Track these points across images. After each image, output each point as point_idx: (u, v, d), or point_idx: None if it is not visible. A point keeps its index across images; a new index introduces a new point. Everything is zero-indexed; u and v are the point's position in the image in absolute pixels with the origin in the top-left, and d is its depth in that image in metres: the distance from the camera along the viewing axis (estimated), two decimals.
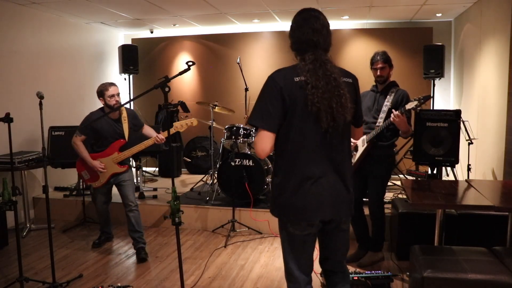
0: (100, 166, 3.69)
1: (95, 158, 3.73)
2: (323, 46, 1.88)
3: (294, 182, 1.85)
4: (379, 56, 3.31)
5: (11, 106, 4.61)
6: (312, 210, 1.85)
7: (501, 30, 4.16)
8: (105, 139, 3.73)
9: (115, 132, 3.73)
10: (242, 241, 4.17)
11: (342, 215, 1.94)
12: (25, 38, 5.04)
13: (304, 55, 1.87)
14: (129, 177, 3.83)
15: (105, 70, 6.70)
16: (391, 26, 6.21)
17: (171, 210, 2.25)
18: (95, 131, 3.70)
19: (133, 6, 5.24)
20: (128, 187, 3.79)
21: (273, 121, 1.82)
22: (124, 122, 3.76)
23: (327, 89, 1.79)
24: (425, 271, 2.32)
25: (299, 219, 1.88)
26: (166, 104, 2.26)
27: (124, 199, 3.77)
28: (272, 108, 1.81)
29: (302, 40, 1.88)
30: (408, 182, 3.23)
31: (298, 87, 1.81)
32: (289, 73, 1.84)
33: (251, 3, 5.17)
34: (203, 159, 6.44)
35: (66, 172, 5.27)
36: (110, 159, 3.73)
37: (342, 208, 1.92)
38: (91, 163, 3.68)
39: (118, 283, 3.22)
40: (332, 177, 1.87)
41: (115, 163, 3.74)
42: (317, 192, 1.84)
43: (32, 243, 4.23)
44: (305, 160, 1.84)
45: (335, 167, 1.87)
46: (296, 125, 1.82)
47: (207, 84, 6.88)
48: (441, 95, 6.13)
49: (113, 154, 3.73)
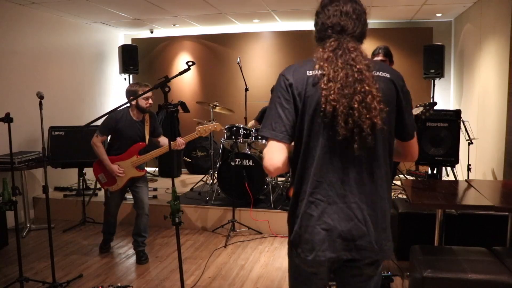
0: (118, 171, 3.56)
1: (114, 161, 3.59)
2: (352, 33, 1.47)
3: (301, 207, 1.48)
4: (381, 49, 3.36)
5: (11, 106, 4.60)
6: (319, 245, 1.44)
7: (501, 30, 4.16)
8: (125, 141, 3.60)
9: (136, 134, 3.62)
10: (242, 241, 4.17)
11: (362, 256, 1.46)
12: (25, 38, 5.04)
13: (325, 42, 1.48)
14: (144, 183, 3.74)
15: (105, 70, 6.70)
16: (391, 26, 6.21)
17: (171, 210, 2.25)
18: (117, 131, 3.57)
19: (133, 6, 5.24)
20: (144, 192, 3.71)
21: (284, 128, 1.45)
22: (147, 124, 3.65)
23: (347, 83, 1.39)
24: (425, 271, 2.32)
25: (304, 253, 1.47)
26: (166, 104, 2.26)
27: (139, 203, 3.67)
28: (283, 111, 1.45)
29: (326, 25, 1.48)
30: (408, 182, 3.23)
31: (312, 82, 1.43)
32: (302, 66, 1.47)
33: (251, 3, 5.17)
34: (203, 159, 6.44)
35: (66, 172, 5.27)
36: (129, 162, 3.61)
37: (362, 245, 1.44)
38: (110, 167, 3.55)
39: (118, 283, 3.22)
40: (353, 203, 1.44)
41: (134, 167, 3.62)
42: (328, 222, 1.43)
43: (32, 243, 4.23)
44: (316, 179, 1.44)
45: (359, 190, 1.44)
46: (306, 133, 1.45)
47: (207, 84, 6.87)
48: (441, 95, 6.13)
49: (132, 157, 3.61)
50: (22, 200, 4.50)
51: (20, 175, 4.48)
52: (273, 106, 1.48)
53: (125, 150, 3.62)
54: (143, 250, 3.74)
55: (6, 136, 2.91)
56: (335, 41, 1.45)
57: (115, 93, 6.75)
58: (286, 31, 6.54)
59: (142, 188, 3.70)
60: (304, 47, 6.40)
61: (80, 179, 5.00)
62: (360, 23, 1.49)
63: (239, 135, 4.72)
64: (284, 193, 4.71)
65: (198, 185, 5.50)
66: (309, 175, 1.45)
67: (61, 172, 5.08)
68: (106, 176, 3.66)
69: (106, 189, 3.71)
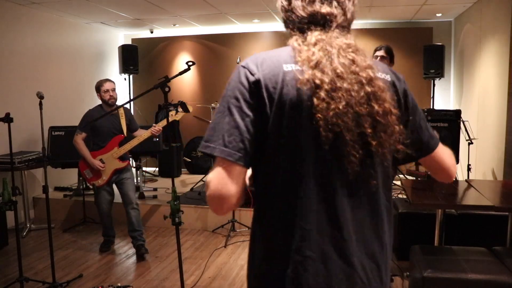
0: (99, 164, 3.72)
1: (96, 155, 3.76)
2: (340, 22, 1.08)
3: (278, 266, 1.03)
4: (383, 47, 3.47)
5: (11, 106, 4.60)
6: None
7: (501, 30, 4.16)
8: (104, 135, 3.78)
9: (113, 127, 3.79)
10: (242, 241, 4.17)
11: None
12: (25, 38, 5.04)
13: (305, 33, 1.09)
14: (129, 175, 3.87)
15: (105, 70, 6.70)
16: (391, 26, 6.21)
17: (171, 210, 2.25)
18: (94, 127, 3.74)
19: (133, 6, 5.24)
20: (129, 185, 3.82)
21: (243, 145, 1.00)
22: (122, 118, 3.83)
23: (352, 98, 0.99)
24: (425, 271, 2.32)
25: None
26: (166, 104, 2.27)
27: (125, 197, 3.79)
28: (242, 120, 1.00)
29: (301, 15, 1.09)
30: (408, 182, 3.23)
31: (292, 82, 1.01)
32: (274, 57, 1.07)
33: (251, 3, 5.17)
34: (203, 159, 6.43)
35: (66, 172, 5.27)
36: (110, 154, 3.77)
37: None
38: (91, 161, 3.71)
39: (118, 283, 3.21)
40: (345, 258, 1.02)
41: (116, 158, 3.77)
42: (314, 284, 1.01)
43: (32, 243, 4.23)
44: (300, 229, 1.01)
45: (359, 240, 1.03)
46: (284, 156, 1.01)
47: (207, 84, 6.87)
48: (441, 95, 6.13)
49: (113, 149, 3.78)
50: (22, 200, 4.50)
51: (20, 175, 4.48)
52: (225, 111, 1.01)
53: (106, 144, 3.78)
54: (143, 244, 3.78)
55: (6, 136, 2.91)
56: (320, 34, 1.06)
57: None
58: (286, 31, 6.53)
59: (127, 182, 3.81)
60: None
61: (80, 179, 5.00)
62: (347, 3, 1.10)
63: None
64: None
65: (198, 185, 5.50)
66: (293, 218, 1.01)
67: (61, 172, 5.09)
68: (91, 171, 3.79)
69: (93, 184, 3.82)
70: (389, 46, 3.49)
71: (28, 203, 4.64)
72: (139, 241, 3.76)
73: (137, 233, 3.77)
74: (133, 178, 3.94)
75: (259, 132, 1.01)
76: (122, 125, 3.82)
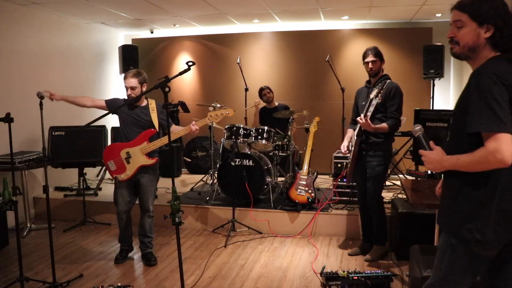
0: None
1: (123, 147, 3.50)
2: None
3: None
4: (370, 50, 3.45)
5: (12, 106, 4.61)
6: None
7: None
8: (130, 126, 3.52)
9: (139, 117, 3.52)
10: (242, 241, 4.18)
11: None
12: (25, 38, 5.05)
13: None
14: (152, 181, 3.62)
15: (105, 70, 6.71)
16: (391, 26, 6.22)
17: (171, 210, 2.25)
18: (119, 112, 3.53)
19: (133, 6, 5.25)
20: (150, 192, 3.61)
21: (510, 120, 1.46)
22: (153, 112, 3.53)
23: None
24: (425, 271, 2.32)
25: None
26: (166, 104, 2.27)
27: (144, 203, 3.61)
28: (506, 106, 1.47)
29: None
30: (408, 182, 3.23)
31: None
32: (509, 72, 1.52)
33: (251, 3, 5.17)
34: (203, 159, 6.44)
35: (66, 172, 5.28)
36: (139, 149, 3.48)
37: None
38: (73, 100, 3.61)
39: (118, 283, 3.22)
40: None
41: (144, 154, 3.49)
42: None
43: (33, 243, 4.24)
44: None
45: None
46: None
47: (207, 84, 6.88)
48: (441, 95, 6.13)
49: (142, 144, 3.48)
50: (23, 200, 4.51)
51: (21, 175, 4.49)
52: (492, 101, 1.45)
53: (134, 137, 3.51)
54: (151, 252, 3.71)
55: (7, 136, 2.91)
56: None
57: (115, 93, 6.74)
58: (286, 31, 6.54)
59: (149, 188, 3.59)
60: (304, 47, 6.41)
61: (81, 179, 5.01)
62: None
63: (239, 135, 4.73)
64: (284, 193, 4.71)
65: (198, 185, 5.50)
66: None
67: (61, 172, 5.09)
68: (115, 163, 3.54)
69: (115, 177, 3.56)
70: (375, 48, 3.44)
71: (29, 203, 4.64)
72: (148, 249, 3.69)
73: (148, 239, 3.68)
74: (155, 186, 3.69)
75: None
76: (153, 120, 3.51)
